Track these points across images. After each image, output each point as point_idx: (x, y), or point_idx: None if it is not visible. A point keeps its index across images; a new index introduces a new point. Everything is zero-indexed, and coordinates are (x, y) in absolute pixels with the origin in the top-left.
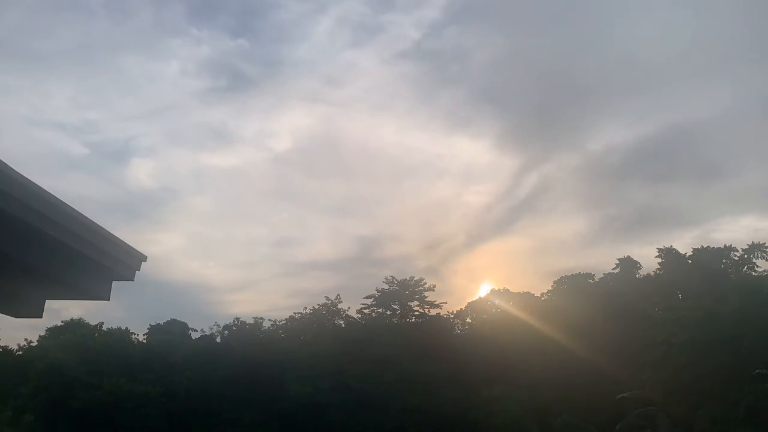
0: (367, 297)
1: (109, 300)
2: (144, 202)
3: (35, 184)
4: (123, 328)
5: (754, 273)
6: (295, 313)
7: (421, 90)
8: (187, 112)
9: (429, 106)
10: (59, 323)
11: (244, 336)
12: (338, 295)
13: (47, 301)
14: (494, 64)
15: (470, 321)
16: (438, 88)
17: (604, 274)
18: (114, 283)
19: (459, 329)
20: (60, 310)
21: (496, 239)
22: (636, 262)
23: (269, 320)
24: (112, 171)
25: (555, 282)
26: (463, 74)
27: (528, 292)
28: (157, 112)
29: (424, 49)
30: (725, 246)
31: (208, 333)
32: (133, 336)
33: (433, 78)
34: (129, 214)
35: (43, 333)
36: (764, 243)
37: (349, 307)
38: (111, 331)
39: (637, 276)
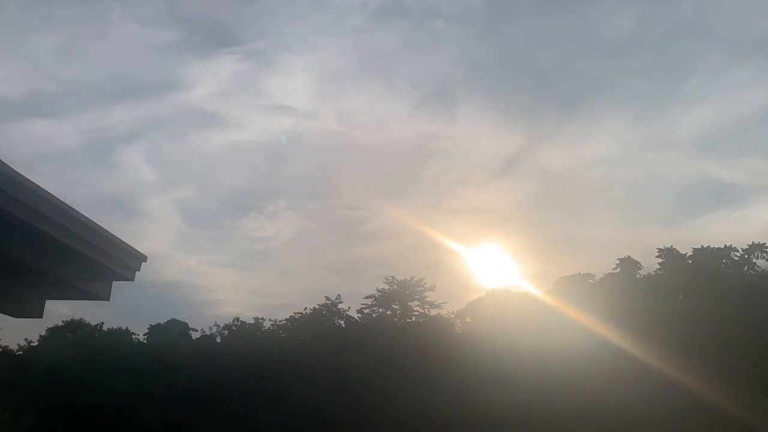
0: (367, 297)
1: (109, 300)
2: (124, 194)
3: (35, 184)
4: (123, 328)
5: (753, 273)
6: (295, 313)
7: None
8: (165, 88)
9: (413, 83)
10: (59, 323)
11: (244, 336)
12: (338, 295)
13: (47, 301)
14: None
15: (470, 321)
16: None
17: (604, 274)
18: (114, 283)
19: (459, 329)
20: (56, 310)
21: (495, 232)
22: (636, 262)
23: (269, 320)
24: (89, 162)
25: (555, 282)
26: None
27: (528, 292)
28: (128, 89)
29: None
30: (725, 246)
31: (208, 333)
32: (133, 336)
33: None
34: (110, 208)
35: (43, 333)
36: (764, 243)
37: (349, 307)
38: (111, 331)
39: (637, 276)
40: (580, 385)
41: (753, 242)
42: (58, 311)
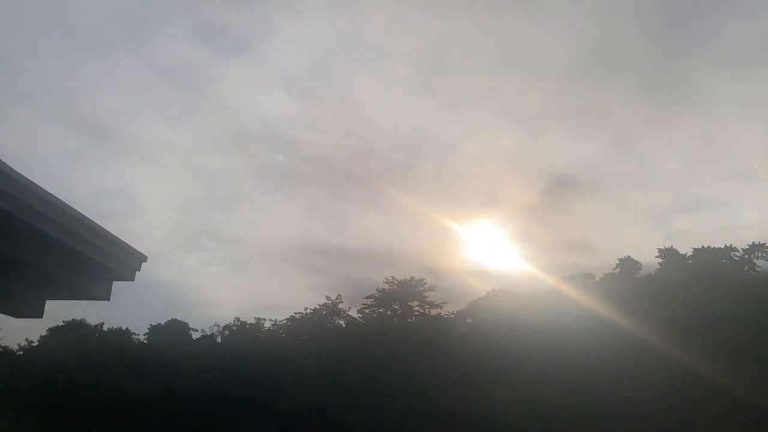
0: (367, 297)
1: (109, 300)
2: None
3: (35, 184)
4: (123, 328)
5: (754, 273)
6: (295, 313)
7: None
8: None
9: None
10: (59, 323)
11: (244, 336)
12: (339, 295)
13: (47, 301)
14: None
15: (470, 321)
16: None
17: (604, 274)
18: (114, 283)
19: (459, 329)
20: (56, 310)
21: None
22: (637, 262)
23: (270, 320)
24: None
25: (556, 282)
26: None
27: (528, 292)
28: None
29: None
30: (725, 246)
31: (208, 333)
32: (133, 336)
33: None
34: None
35: (43, 333)
36: (765, 243)
37: (350, 308)
38: (111, 332)
39: (638, 276)
40: (579, 384)
41: (753, 242)
42: (58, 311)
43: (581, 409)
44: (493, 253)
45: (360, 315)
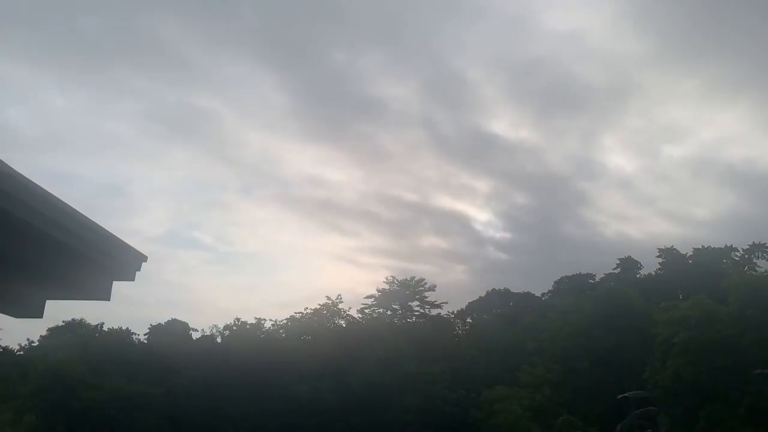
0: (367, 297)
1: (109, 300)
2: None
3: (35, 184)
4: (123, 328)
5: (754, 273)
6: (296, 313)
7: None
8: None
9: None
10: (59, 323)
11: (244, 336)
12: (339, 295)
13: (47, 301)
14: None
15: (470, 321)
16: None
17: (604, 274)
18: (114, 283)
19: (459, 329)
20: (56, 310)
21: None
22: (637, 262)
23: (270, 320)
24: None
25: (555, 282)
26: None
27: (528, 292)
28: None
29: None
30: (726, 246)
31: (208, 333)
32: (133, 336)
33: None
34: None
35: (43, 333)
36: (765, 243)
37: (350, 308)
38: (112, 332)
39: (638, 276)
40: (578, 384)
41: (753, 242)
42: (58, 311)
43: (581, 408)
44: None
45: (360, 315)
